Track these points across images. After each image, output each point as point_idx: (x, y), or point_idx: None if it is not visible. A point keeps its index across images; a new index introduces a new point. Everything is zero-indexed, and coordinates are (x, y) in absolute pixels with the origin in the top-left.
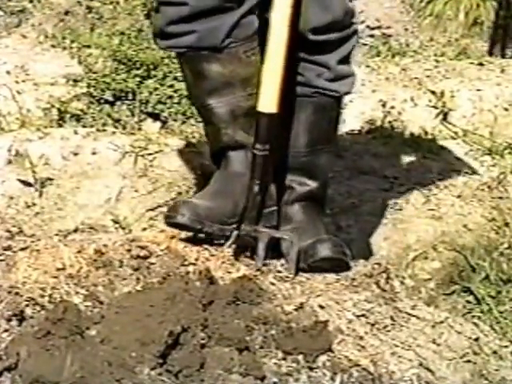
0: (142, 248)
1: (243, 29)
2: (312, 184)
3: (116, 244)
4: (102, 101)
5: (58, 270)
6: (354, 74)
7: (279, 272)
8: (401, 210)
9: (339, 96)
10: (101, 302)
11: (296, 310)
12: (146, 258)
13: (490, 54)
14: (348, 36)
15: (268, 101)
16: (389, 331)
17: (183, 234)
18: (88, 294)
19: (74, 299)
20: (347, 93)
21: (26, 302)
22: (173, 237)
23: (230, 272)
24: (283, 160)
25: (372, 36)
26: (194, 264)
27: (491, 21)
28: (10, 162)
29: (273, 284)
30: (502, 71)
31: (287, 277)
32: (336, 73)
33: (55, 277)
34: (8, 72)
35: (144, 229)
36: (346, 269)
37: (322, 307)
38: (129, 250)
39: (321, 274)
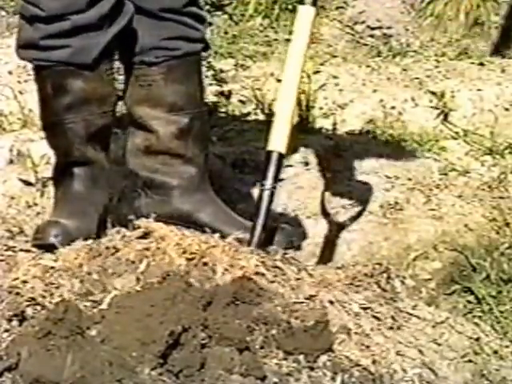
0: (143, 248)
1: (110, 48)
2: None
3: (117, 244)
4: None
5: (58, 269)
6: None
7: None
8: (401, 209)
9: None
10: (101, 302)
11: (298, 308)
12: (146, 257)
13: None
14: None
15: (279, 141)
16: (390, 331)
17: (184, 234)
18: (88, 294)
19: (75, 299)
20: None
21: (27, 302)
22: (173, 237)
23: (230, 271)
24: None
25: (372, 36)
26: (194, 265)
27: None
28: (11, 161)
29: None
30: (503, 71)
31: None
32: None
33: (56, 277)
34: (10, 72)
35: (145, 228)
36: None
37: (324, 307)
38: (129, 250)
39: (320, 273)
